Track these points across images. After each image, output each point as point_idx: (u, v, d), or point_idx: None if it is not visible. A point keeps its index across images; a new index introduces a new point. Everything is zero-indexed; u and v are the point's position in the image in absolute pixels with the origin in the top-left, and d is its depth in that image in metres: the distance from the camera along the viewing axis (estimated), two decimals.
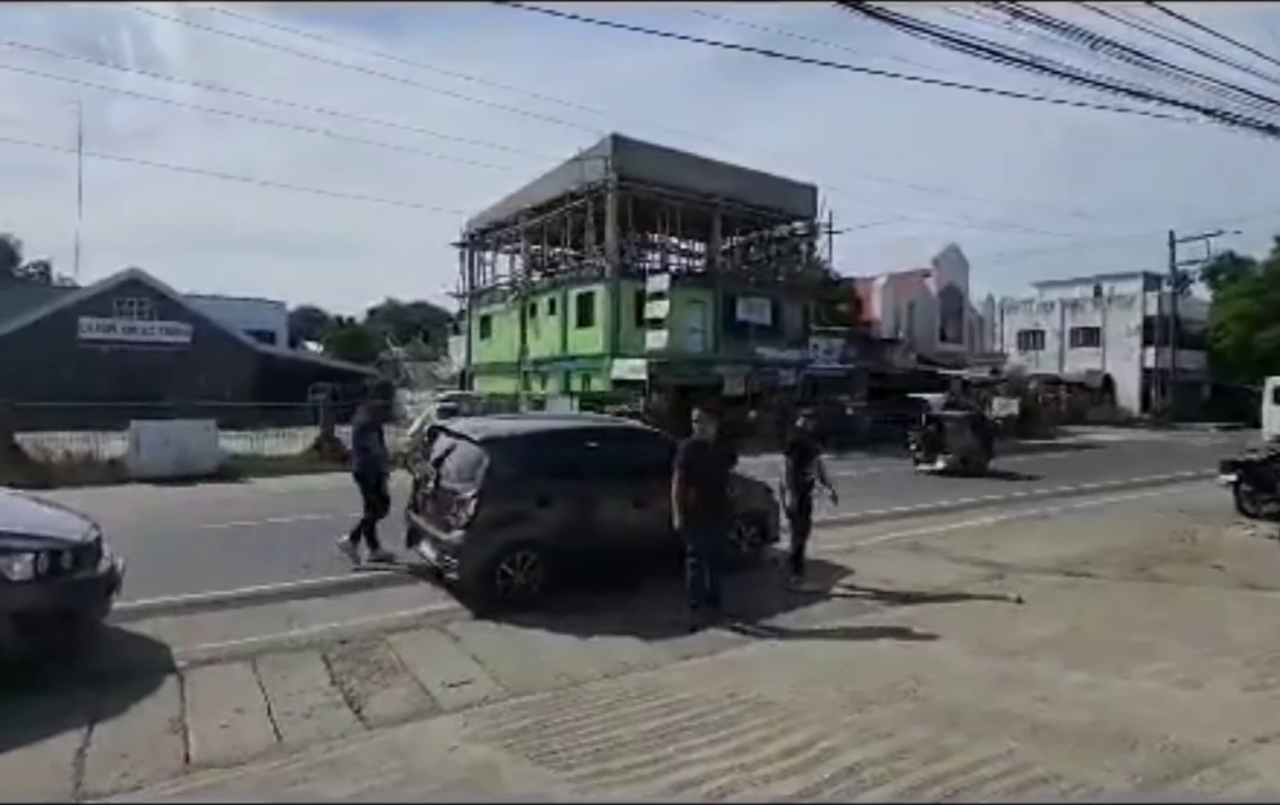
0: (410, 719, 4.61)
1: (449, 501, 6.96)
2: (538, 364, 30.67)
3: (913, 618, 6.56)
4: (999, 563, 8.64)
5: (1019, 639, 5.91)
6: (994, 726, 4.23)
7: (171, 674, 5.23)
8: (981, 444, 18.25)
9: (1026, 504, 13.43)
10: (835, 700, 4.68)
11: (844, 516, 11.11)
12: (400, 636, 6.06)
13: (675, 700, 4.70)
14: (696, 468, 6.44)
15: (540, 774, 3.77)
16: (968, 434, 18.21)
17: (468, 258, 36.81)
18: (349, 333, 66.15)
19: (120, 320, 33.35)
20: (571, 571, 6.99)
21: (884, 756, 3.87)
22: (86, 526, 5.64)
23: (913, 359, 32.98)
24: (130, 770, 3.92)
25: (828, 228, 31.31)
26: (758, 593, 7.23)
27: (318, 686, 5.08)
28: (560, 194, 28.34)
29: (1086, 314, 50.62)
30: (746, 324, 28.59)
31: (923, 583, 7.73)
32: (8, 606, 4.73)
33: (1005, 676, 5.07)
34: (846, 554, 9.01)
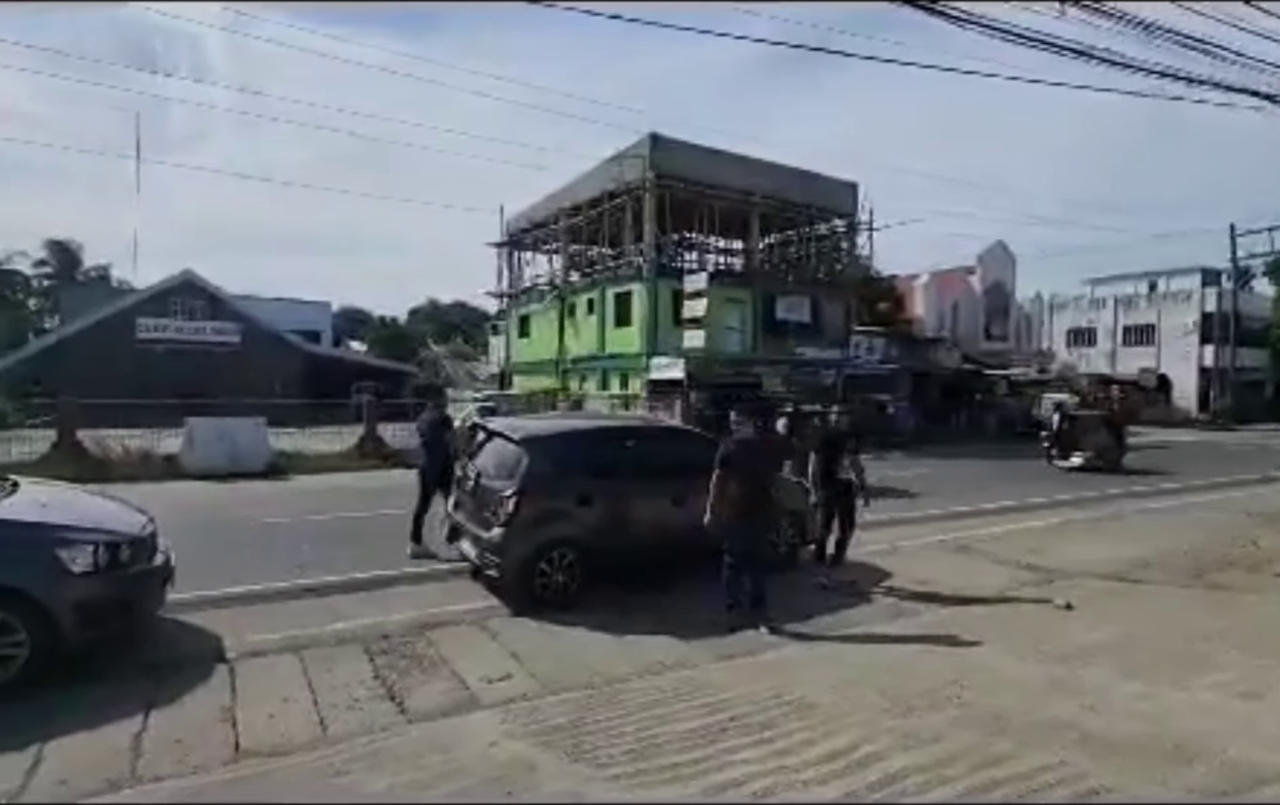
0: (450, 713, 4.67)
1: (488, 499, 7.02)
2: (576, 363, 30.82)
3: (957, 621, 6.41)
4: (1048, 567, 8.40)
5: (1069, 645, 5.73)
6: (1043, 734, 4.11)
7: (222, 664, 5.38)
8: (1114, 441, 18.79)
9: (1077, 507, 13.03)
10: (877, 704, 4.60)
11: (886, 518, 10.99)
12: (440, 632, 6.13)
13: (715, 701, 4.67)
14: (736, 467, 6.39)
15: (578, 771, 3.78)
16: (1101, 432, 18.92)
17: (507, 258, 37.17)
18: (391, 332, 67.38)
19: (174, 320, 34.56)
20: (609, 570, 7.01)
21: (929, 763, 3.79)
22: (143, 520, 5.84)
23: (957, 358, 32.25)
24: (184, 756, 4.04)
25: (868, 225, 30.86)
26: (796, 594, 7.15)
27: (361, 679, 5.17)
28: (599, 193, 28.43)
29: (1140, 311, 48.93)
30: (786, 323, 28.32)
31: (968, 586, 7.55)
32: (70, 597, 4.91)
33: (1055, 683, 4.92)
34: (888, 555, 8.85)
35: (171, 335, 34.20)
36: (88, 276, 57.80)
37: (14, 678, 4.70)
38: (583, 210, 29.91)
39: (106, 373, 28.71)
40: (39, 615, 4.80)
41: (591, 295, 30.37)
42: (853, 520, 8.03)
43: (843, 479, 7.85)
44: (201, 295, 35.45)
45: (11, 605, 4.73)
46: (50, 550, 4.95)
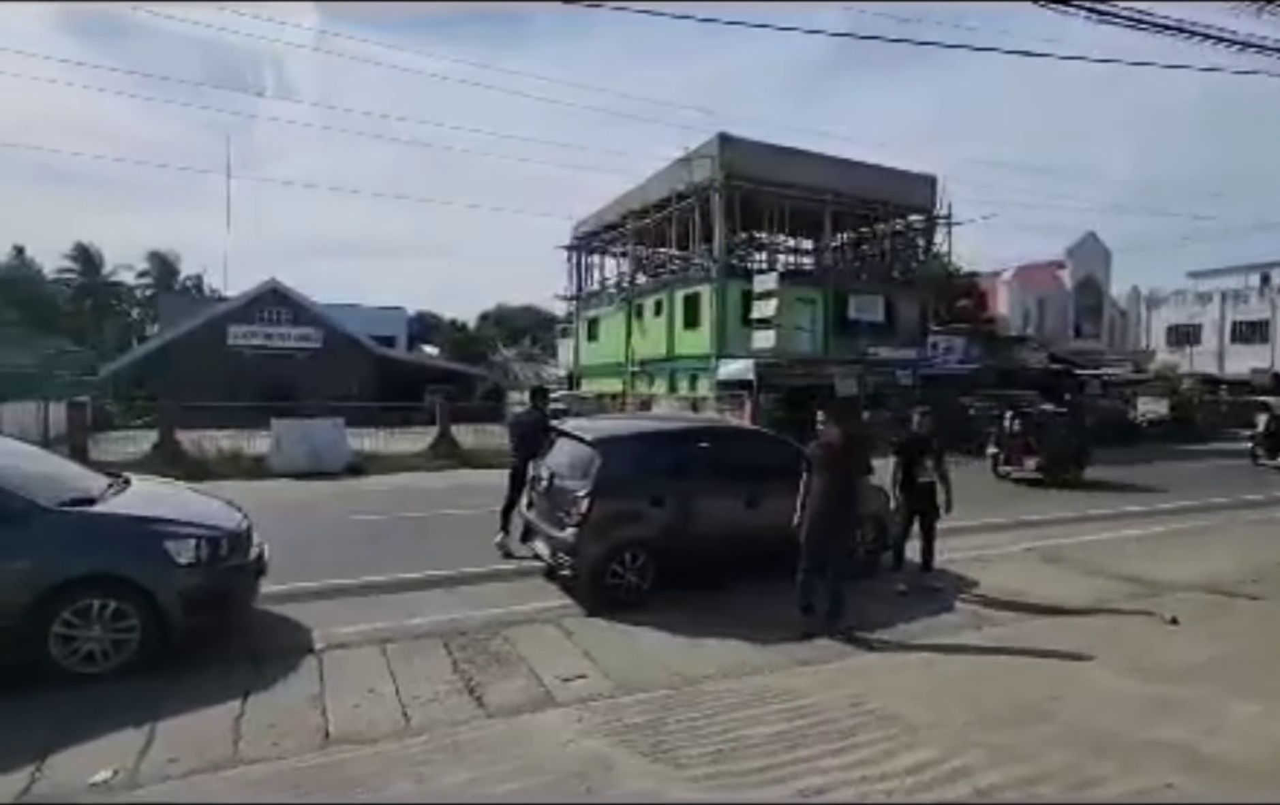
0: (527, 709, 4.73)
1: (562, 500, 7.09)
2: (644, 365, 30.91)
3: (1049, 634, 6.10)
4: (1146, 578, 7.91)
5: (1175, 662, 5.37)
6: (1148, 757, 3.85)
7: (311, 655, 5.61)
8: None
9: (1177, 516, 12.22)
10: (964, 717, 4.41)
11: (966, 524, 10.57)
12: (515, 630, 6.23)
13: (793, 707, 4.58)
14: (818, 470, 6.27)
15: (656, 771, 3.76)
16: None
17: (575, 261, 37.63)
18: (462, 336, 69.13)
19: (260, 327, 36.38)
20: (682, 572, 6.98)
21: (1020, 781, 3.61)
22: (239, 517, 6.16)
23: (1044, 357, 30.74)
24: (279, 741, 4.23)
25: (947, 220, 29.81)
26: (876, 601, 6.96)
27: (440, 673, 5.30)
28: (667, 195, 28.44)
29: (1251, 306, 45.49)
30: (858, 322, 27.64)
31: (1059, 597, 7.19)
32: (176, 587, 5.22)
33: (1159, 702, 4.62)
34: (972, 563, 8.52)
35: (259, 341, 36.02)
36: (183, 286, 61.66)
37: (127, 661, 5.03)
38: (650, 212, 29.98)
39: (200, 377, 30.52)
40: (149, 604, 5.12)
41: (659, 297, 30.40)
42: (935, 526, 7.77)
43: (924, 483, 7.60)
44: (285, 302, 37.18)
45: (125, 594, 5.06)
46: (159, 543, 5.27)
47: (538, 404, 9.75)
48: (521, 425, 9.20)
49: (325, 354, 36.55)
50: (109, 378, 31.96)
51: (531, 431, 8.82)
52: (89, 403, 17.72)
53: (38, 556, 4.89)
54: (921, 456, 7.58)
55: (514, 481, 8.73)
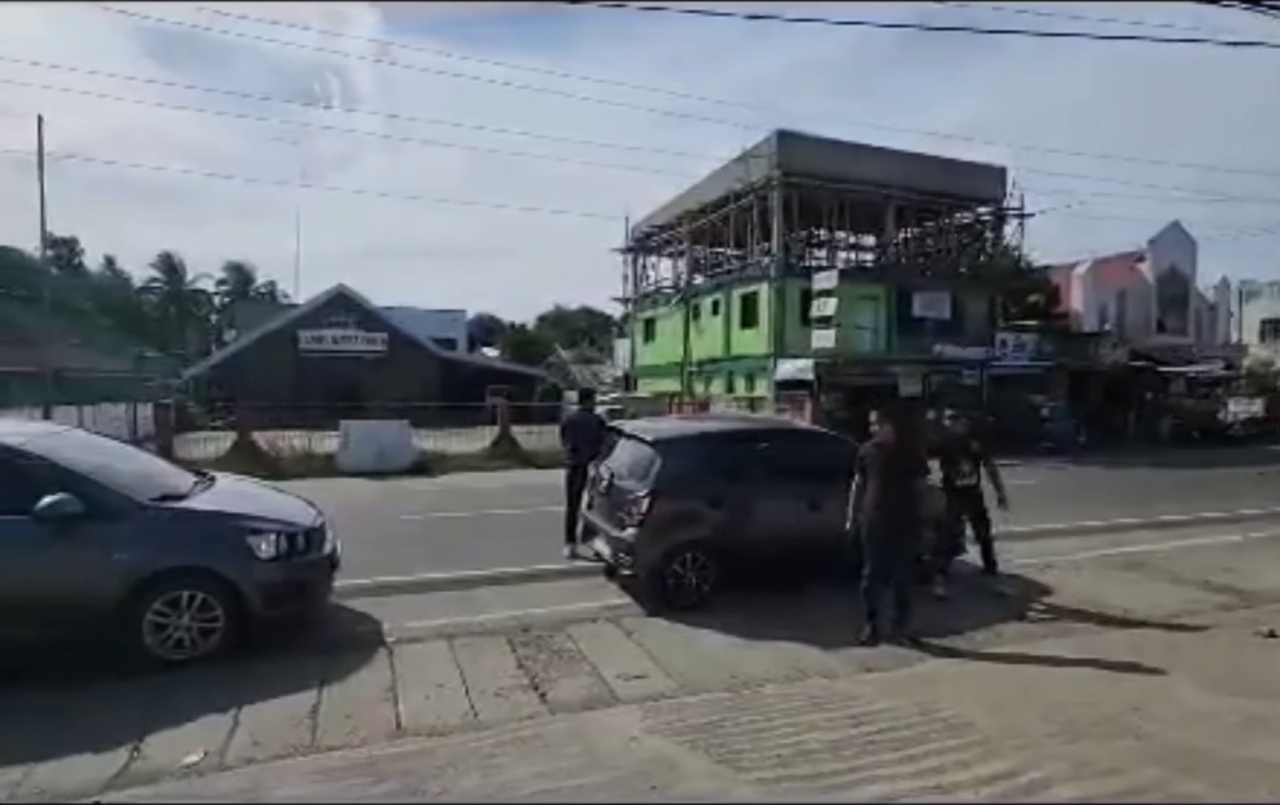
0: (591, 706, 4.78)
1: (622, 500, 7.13)
2: (701, 365, 30.80)
3: (1131, 644, 5.82)
4: (1241, 588, 7.48)
5: (1272, 678, 5.05)
6: (1244, 775, 3.64)
7: (382, 647, 5.80)
8: None
9: (1269, 522, 11.48)
10: (1041, 729, 4.25)
11: (1037, 528, 10.19)
12: (577, 628, 6.29)
13: (860, 713, 4.50)
14: (874, 472, 6.12)
15: (720, 772, 3.75)
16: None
17: (632, 263, 37.79)
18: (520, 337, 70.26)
19: (329, 332, 37.70)
20: (742, 573, 6.93)
21: (1105, 796, 3.46)
22: (314, 513, 6.41)
23: (1123, 354, 29.26)
24: (354, 730, 4.39)
25: (1018, 212, 28.74)
26: (943, 607, 6.77)
27: (505, 669, 5.40)
28: (724, 194, 28.28)
29: None
30: (923, 320, 26.88)
31: (1142, 606, 6.85)
32: (257, 579, 5.48)
33: (1255, 719, 4.35)
34: (1044, 570, 8.20)
35: (327, 346, 37.36)
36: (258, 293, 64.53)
37: (213, 649, 5.30)
38: (707, 212, 29.87)
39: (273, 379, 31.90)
40: (232, 594, 5.38)
41: (716, 297, 30.25)
42: (988, 528, 7.58)
43: (962, 485, 7.41)
44: (352, 307, 38.45)
45: (210, 585, 5.33)
46: (242, 538, 5.54)
47: (586, 405, 9.83)
48: (574, 427, 9.18)
49: (390, 356, 37.66)
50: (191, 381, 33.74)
51: (583, 432, 8.84)
52: (173, 404, 18.71)
53: (134, 549, 5.19)
54: (958, 458, 7.40)
55: (570, 485, 8.74)
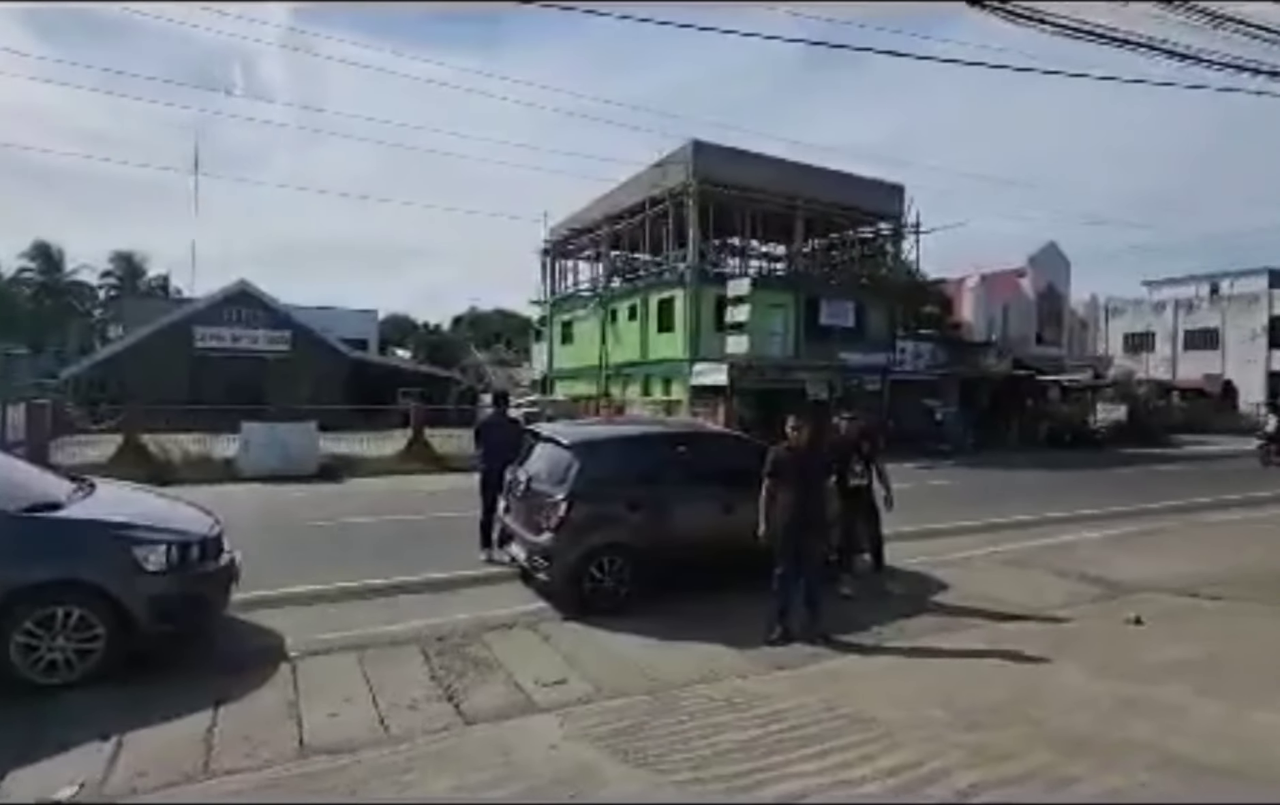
0: (508, 715, 4.69)
1: (539, 504, 7.06)
2: (618, 369, 30.90)
3: (1020, 636, 6.22)
4: (1113, 581, 8.11)
5: (1143, 663, 5.51)
6: (1123, 755, 3.95)
7: (285, 662, 5.50)
8: None
9: (1137, 519, 12.54)
10: (942, 719, 4.48)
11: (931, 527, 10.76)
12: (493, 635, 6.18)
13: (771, 711, 4.61)
14: (788, 475, 6.30)
15: (640, 777, 3.76)
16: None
17: (549, 265, 37.51)
18: (435, 339, 68.51)
19: (229, 329, 35.64)
20: (660, 576, 6.98)
21: (1000, 781, 3.67)
22: (210, 521, 6.03)
23: (1008, 363, 31.40)
24: (253, 751, 4.14)
25: (914, 228, 30.28)
26: (849, 604, 7.04)
27: (418, 680, 5.23)
28: (641, 200, 28.50)
29: (1202, 314, 47.19)
30: (830, 328, 27.96)
31: (1028, 600, 7.33)
32: (144, 593, 5.10)
33: (1130, 702, 4.73)
34: (938, 567, 8.65)
35: (227, 343, 35.28)
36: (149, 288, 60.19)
37: (92, 671, 4.89)
38: (624, 217, 30.03)
39: (166, 379, 29.84)
40: (115, 610, 4.99)
41: (633, 301, 30.43)
42: (878, 527, 7.97)
43: (854, 486, 7.75)
44: (255, 304, 36.47)
45: (90, 601, 4.92)
46: (126, 549, 5.14)
47: (501, 407, 9.68)
48: (489, 430, 9.02)
49: (295, 356, 35.92)
50: (70, 380, 31.05)
51: (498, 436, 8.70)
52: (49, 405, 17.18)
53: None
54: (851, 459, 7.73)
55: (485, 490, 8.58)
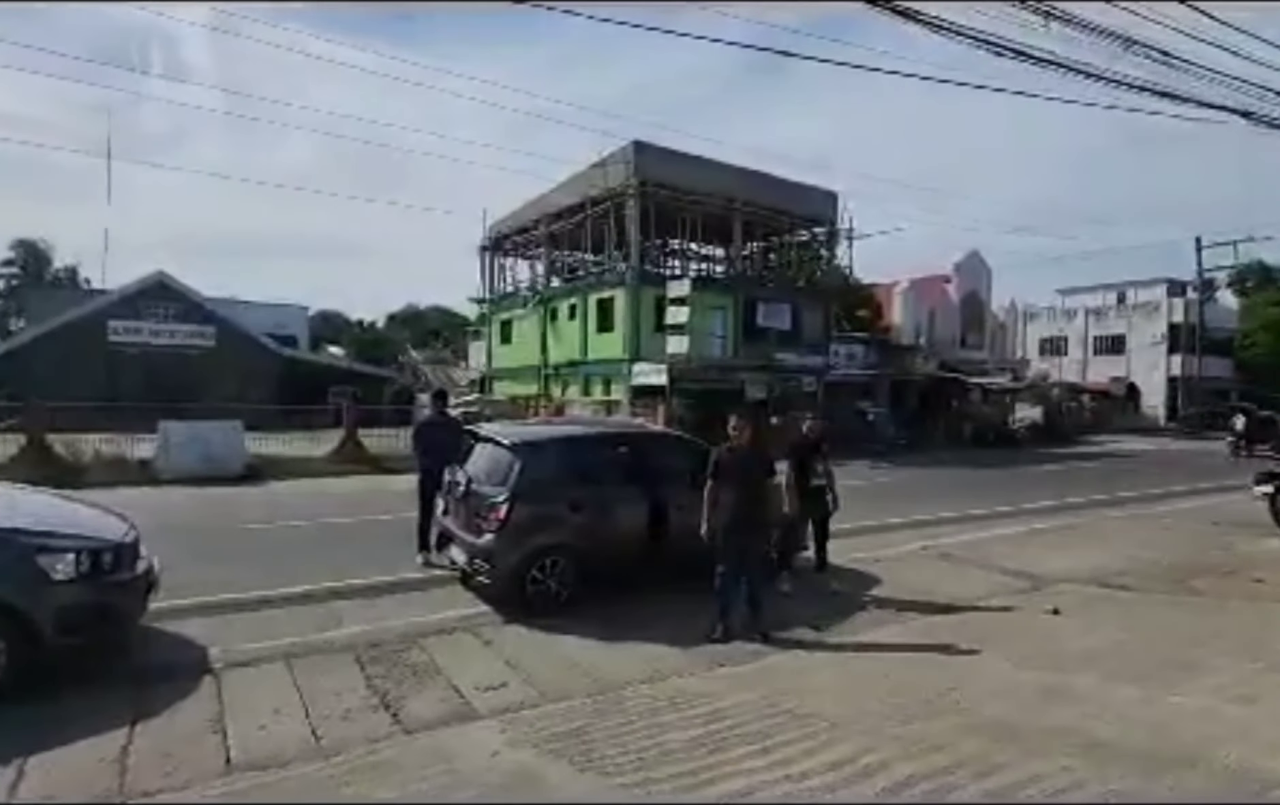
0: (448, 723, 4.59)
1: (480, 505, 6.94)
2: (558, 369, 30.71)
3: (949, 628, 6.46)
4: (1033, 573, 8.51)
5: (1062, 652, 5.79)
6: (1046, 742, 4.14)
7: (208, 674, 5.25)
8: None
9: (1055, 514, 13.22)
10: (878, 712, 4.60)
11: (864, 524, 11.07)
12: (432, 640, 6.04)
13: (714, 709, 4.65)
14: (730, 475, 6.36)
15: (584, 781, 3.73)
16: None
17: (489, 263, 36.95)
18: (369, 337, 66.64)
19: (147, 323, 33.81)
20: (603, 577, 6.96)
21: (934, 772, 3.79)
22: (125, 527, 5.69)
23: (934, 365, 32.64)
24: (173, 770, 3.92)
25: (848, 233, 31.12)
26: (789, 602, 7.17)
27: (353, 689, 5.07)
28: (581, 199, 28.40)
29: (1110, 321, 50.06)
30: (767, 329, 28.46)
31: (956, 593, 7.62)
32: (51, 604, 4.76)
33: (1052, 690, 4.96)
34: (873, 563, 8.90)
35: (144, 338, 33.45)
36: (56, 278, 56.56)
37: None
38: (565, 216, 29.86)
39: (76, 376, 28.07)
40: (19, 623, 4.65)
41: (574, 301, 30.30)
42: (827, 526, 8.11)
43: (815, 486, 7.90)
44: (175, 297, 34.70)
45: None
46: (29, 557, 4.79)
47: (439, 407, 9.47)
48: (427, 430, 8.81)
49: (220, 353, 34.36)
50: None
51: (437, 436, 8.49)
52: None
53: None
54: (812, 460, 7.89)
55: (423, 491, 8.37)
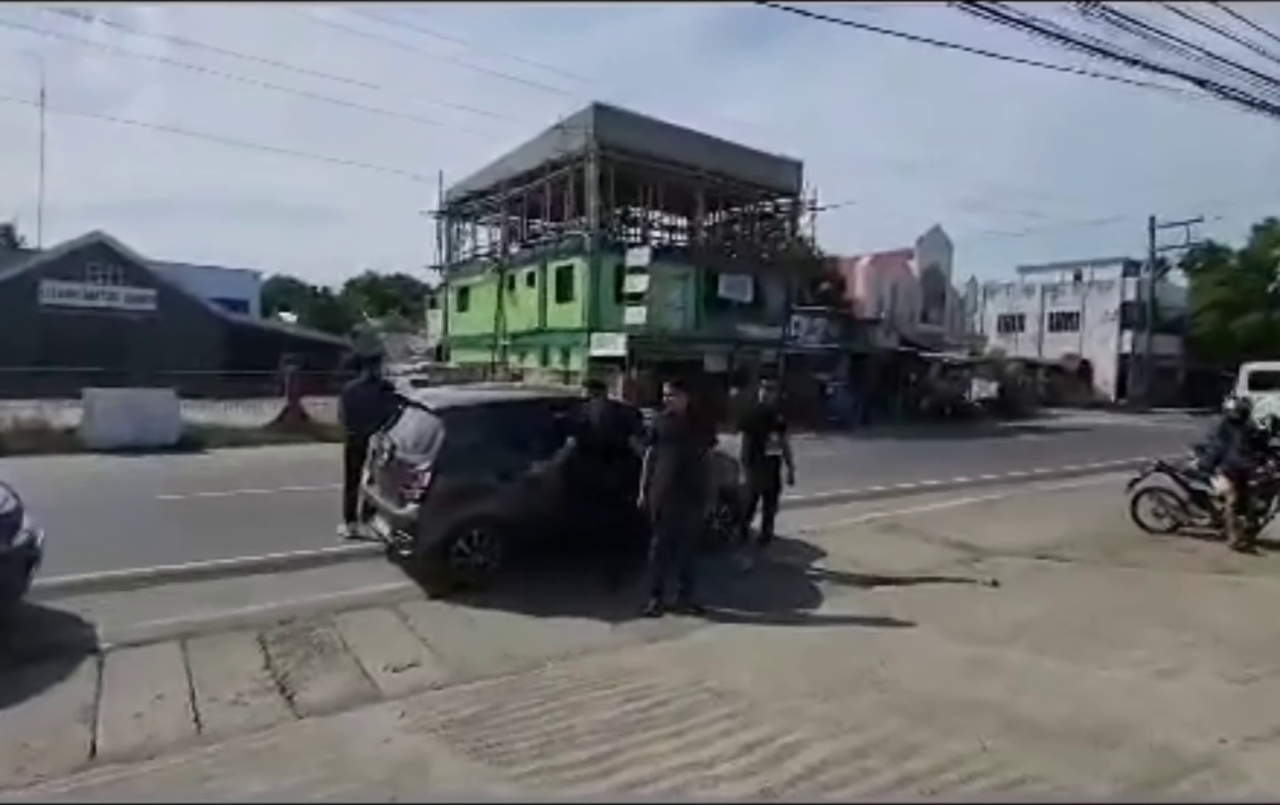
0: (346, 707, 4.28)
1: (403, 474, 6.58)
2: (516, 338, 30.12)
3: (885, 601, 6.32)
4: (975, 545, 8.45)
5: (994, 624, 5.68)
6: (967, 720, 3.98)
7: (92, 655, 4.85)
8: None
9: (1002, 486, 13.30)
10: (802, 689, 4.41)
11: (816, 496, 10.94)
12: (346, 617, 5.71)
13: (634, 688, 4.41)
14: (667, 442, 6.09)
15: (476, 770, 3.46)
16: None
17: (445, 228, 35.99)
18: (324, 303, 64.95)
19: (83, 285, 32.34)
20: (533, 549, 6.66)
21: (849, 754, 3.61)
22: (3, 494, 5.23)
23: (895, 340, 32.78)
24: (27, 764, 3.55)
25: (812, 205, 30.91)
26: (725, 575, 6.96)
27: (250, 671, 4.73)
28: (541, 163, 27.67)
29: (1066, 298, 50.92)
30: (728, 301, 28.21)
31: (897, 565, 7.51)
32: None
33: (979, 664, 4.83)
34: (820, 535, 8.76)
35: (80, 302, 31.98)
36: None
37: None
38: (524, 180, 29.11)
39: (6, 339, 26.76)
40: None
41: (532, 268, 29.66)
42: (777, 499, 7.85)
43: (770, 457, 7.63)
44: (114, 259, 33.18)
45: None
46: None
47: (372, 373, 8.96)
48: (353, 396, 8.31)
49: (162, 318, 33.01)
50: None
51: (363, 403, 8.04)
52: None
53: None
54: (768, 431, 7.59)
55: (349, 460, 7.94)
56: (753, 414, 7.75)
